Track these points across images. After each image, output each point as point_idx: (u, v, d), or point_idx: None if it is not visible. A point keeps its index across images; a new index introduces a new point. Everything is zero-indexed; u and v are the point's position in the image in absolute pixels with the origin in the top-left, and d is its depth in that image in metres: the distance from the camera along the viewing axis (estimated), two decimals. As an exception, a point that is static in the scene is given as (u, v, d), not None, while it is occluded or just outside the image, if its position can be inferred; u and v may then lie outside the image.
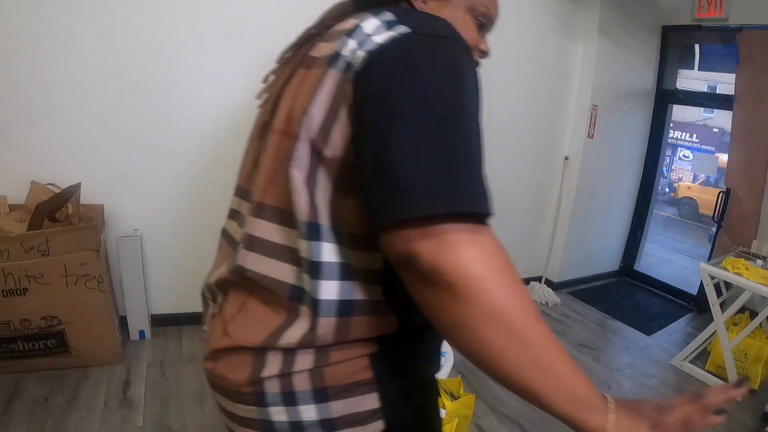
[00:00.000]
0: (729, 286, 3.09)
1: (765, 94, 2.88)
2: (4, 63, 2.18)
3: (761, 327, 2.52)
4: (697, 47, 3.63)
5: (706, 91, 3.97)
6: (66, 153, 2.36)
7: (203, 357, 0.72)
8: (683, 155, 8.54)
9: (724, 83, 3.60)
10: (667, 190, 8.68)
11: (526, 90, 3.32)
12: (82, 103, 2.32)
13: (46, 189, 2.25)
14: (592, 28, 3.31)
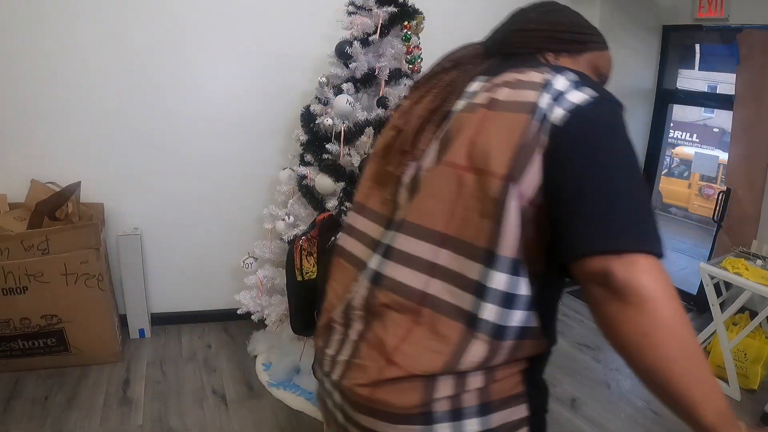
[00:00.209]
0: (729, 286, 3.09)
1: (765, 94, 2.88)
2: (5, 63, 2.18)
3: (761, 327, 2.52)
4: (697, 47, 3.63)
5: (706, 90, 3.97)
6: (66, 152, 2.36)
7: (338, 383, 0.74)
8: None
9: (725, 83, 3.59)
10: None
11: (526, 89, 3.32)
12: (83, 103, 2.32)
13: (46, 187, 2.25)
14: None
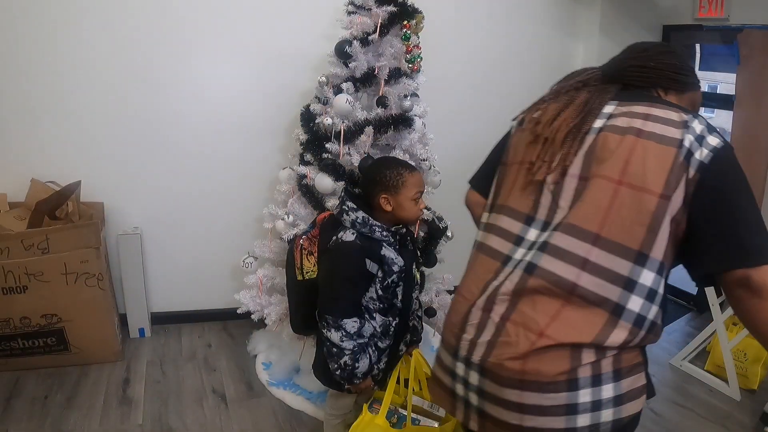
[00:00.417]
0: (729, 286, 3.09)
1: (765, 94, 2.88)
2: (5, 62, 2.18)
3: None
4: (697, 47, 3.62)
5: (706, 90, 3.96)
6: (66, 151, 2.36)
7: (480, 362, 0.88)
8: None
9: (725, 83, 3.59)
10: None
11: (527, 89, 3.29)
12: (83, 102, 2.32)
13: (46, 187, 2.25)
14: (593, 27, 3.31)
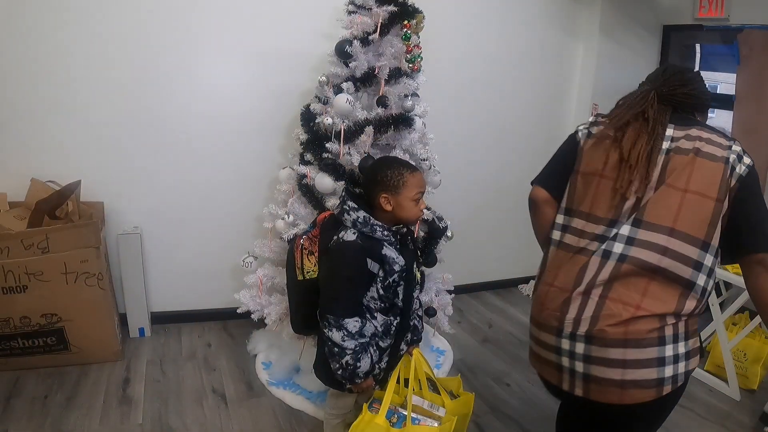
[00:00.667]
0: (729, 286, 3.10)
1: (766, 94, 2.88)
2: (5, 62, 2.18)
3: (760, 327, 2.52)
4: (698, 47, 3.62)
5: (706, 90, 3.97)
6: (66, 150, 2.36)
7: (586, 333, 1.13)
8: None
9: (725, 83, 3.59)
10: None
11: (527, 89, 3.32)
12: (83, 102, 2.32)
13: (46, 186, 2.25)
14: (593, 27, 3.31)
